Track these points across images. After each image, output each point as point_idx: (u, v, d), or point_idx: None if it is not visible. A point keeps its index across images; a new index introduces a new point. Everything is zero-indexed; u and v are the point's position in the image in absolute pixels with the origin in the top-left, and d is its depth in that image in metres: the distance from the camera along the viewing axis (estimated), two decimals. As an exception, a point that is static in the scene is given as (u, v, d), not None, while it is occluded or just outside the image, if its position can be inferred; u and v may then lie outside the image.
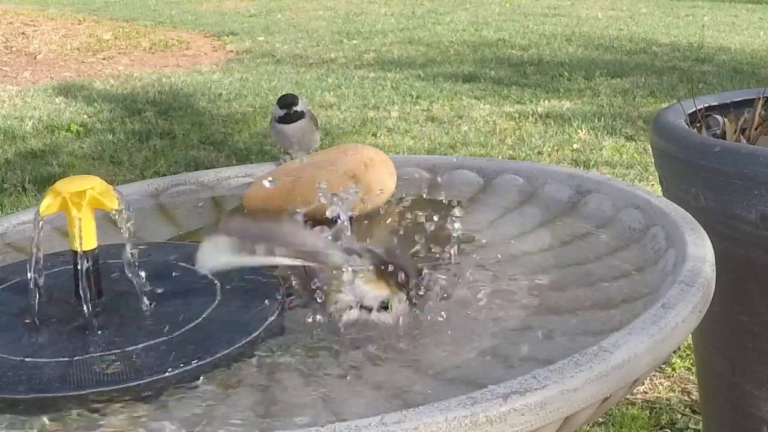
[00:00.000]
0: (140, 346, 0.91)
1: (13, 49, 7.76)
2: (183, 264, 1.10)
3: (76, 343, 0.93)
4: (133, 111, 5.17)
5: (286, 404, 0.82)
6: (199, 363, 0.87)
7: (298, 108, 1.56)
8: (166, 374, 0.85)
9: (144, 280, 0.99)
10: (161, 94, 5.61)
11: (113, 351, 0.91)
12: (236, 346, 0.90)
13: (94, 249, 0.98)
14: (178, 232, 1.31)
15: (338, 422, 0.70)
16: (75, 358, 0.90)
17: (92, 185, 0.97)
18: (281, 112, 1.56)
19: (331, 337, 0.95)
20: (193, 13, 10.02)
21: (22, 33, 8.53)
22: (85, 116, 5.06)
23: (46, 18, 9.72)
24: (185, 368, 0.86)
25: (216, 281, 1.04)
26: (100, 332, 0.97)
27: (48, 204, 0.96)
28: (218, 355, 0.88)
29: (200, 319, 0.96)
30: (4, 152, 4.36)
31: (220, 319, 0.96)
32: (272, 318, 0.96)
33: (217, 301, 1.00)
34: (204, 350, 0.89)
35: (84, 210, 0.95)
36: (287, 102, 1.57)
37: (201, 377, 0.86)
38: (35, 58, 7.31)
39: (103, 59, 7.27)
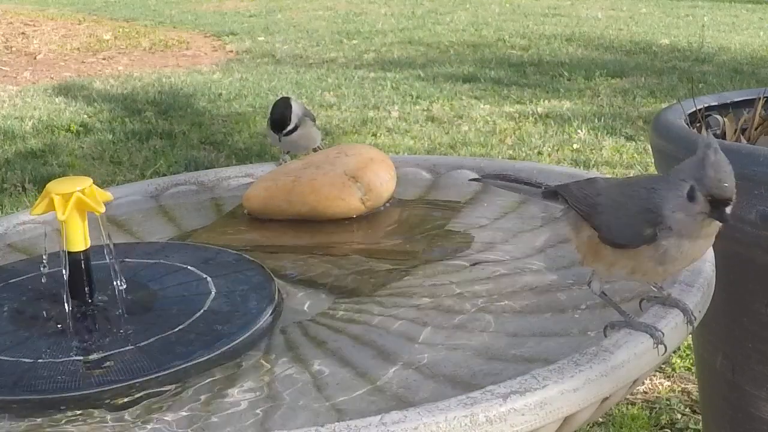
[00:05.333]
0: (115, 351, 0.91)
1: (13, 49, 7.75)
2: (183, 265, 1.10)
3: (46, 345, 0.93)
4: (133, 111, 5.17)
5: (285, 403, 0.82)
6: (175, 368, 0.87)
7: (293, 123, 1.53)
8: (129, 382, 0.85)
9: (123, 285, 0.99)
10: (161, 94, 5.61)
11: (80, 356, 0.91)
12: (226, 347, 0.90)
13: (84, 250, 0.98)
14: (177, 232, 1.31)
15: (338, 422, 0.70)
16: (38, 360, 0.89)
17: (81, 187, 0.96)
18: (274, 135, 1.53)
19: (329, 336, 0.95)
20: (193, 13, 10.02)
21: (22, 33, 8.52)
22: (85, 116, 5.06)
23: (46, 18, 9.72)
24: (154, 376, 0.86)
25: (210, 282, 1.04)
26: (75, 335, 0.97)
27: (37, 204, 0.96)
28: (200, 359, 0.88)
29: (191, 320, 0.96)
30: (4, 152, 4.36)
31: (209, 322, 0.96)
32: (268, 317, 0.96)
33: (207, 306, 0.99)
34: (182, 355, 0.89)
35: (69, 212, 0.95)
36: (278, 124, 1.53)
37: (178, 382, 0.86)
38: (35, 58, 7.31)
39: (103, 59, 7.26)
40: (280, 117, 1.53)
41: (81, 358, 0.91)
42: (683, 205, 0.82)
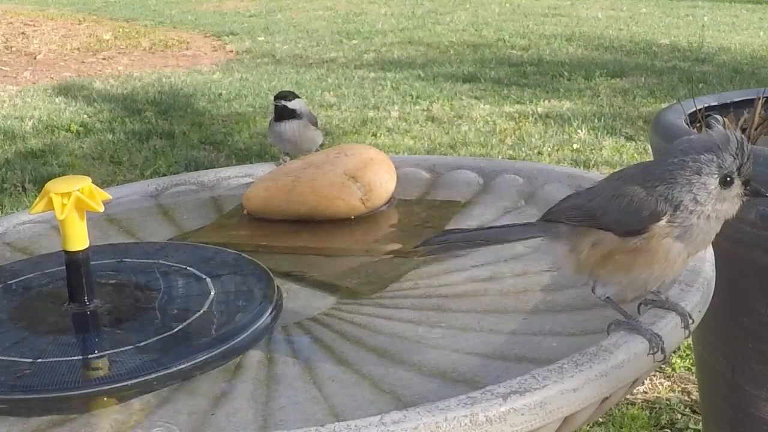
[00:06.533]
0: (115, 351, 0.91)
1: (13, 49, 7.75)
2: (182, 265, 1.10)
3: (45, 344, 0.93)
4: (133, 111, 5.17)
5: (285, 403, 0.82)
6: (175, 368, 0.87)
7: (293, 105, 1.56)
8: (128, 382, 0.85)
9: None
10: (161, 94, 5.61)
11: (79, 356, 0.91)
12: (225, 347, 0.90)
13: (83, 250, 0.98)
14: (177, 231, 1.31)
15: (338, 422, 0.70)
16: (38, 360, 0.90)
17: (80, 186, 0.96)
18: (273, 106, 1.58)
19: (330, 336, 0.95)
20: (193, 13, 10.02)
21: (22, 33, 8.52)
22: (85, 116, 5.06)
23: (46, 18, 9.72)
24: (153, 376, 0.86)
25: (209, 282, 1.04)
26: (74, 334, 0.97)
27: (36, 204, 0.96)
28: (199, 359, 0.88)
29: (188, 321, 0.96)
30: (4, 152, 4.36)
31: (208, 322, 0.96)
32: (267, 316, 0.96)
33: (206, 306, 0.99)
34: (181, 355, 0.89)
35: (67, 211, 0.95)
36: (280, 95, 1.58)
37: (178, 383, 0.86)
38: (35, 58, 7.31)
39: (103, 59, 7.26)
40: (284, 91, 1.61)
41: (80, 357, 0.91)
42: (716, 194, 0.82)
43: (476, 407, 0.71)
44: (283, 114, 1.56)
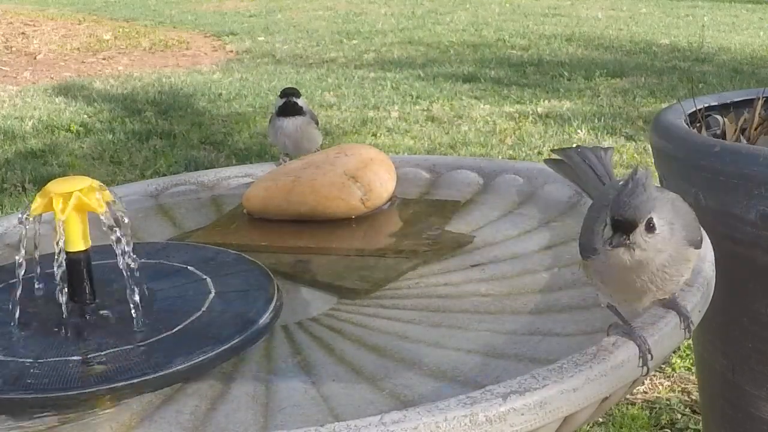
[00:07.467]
0: (115, 350, 0.91)
1: (13, 49, 7.75)
2: (183, 265, 1.10)
3: (46, 344, 0.93)
4: (133, 111, 5.17)
5: (285, 403, 0.82)
6: (175, 368, 0.87)
7: (300, 103, 1.56)
8: (128, 381, 0.85)
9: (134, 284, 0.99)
10: (161, 94, 5.61)
11: (80, 356, 0.91)
12: (225, 347, 0.90)
13: (84, 250, 0.98)
14: (177, 231, 1.31)
15: (338, 422, 0.70)
16: (38, 360, 0.90)
17: (81, 187, 0.96)
18: (281, 102, 1.57)
19: (330, 336, 0.95)
20: (193, 13, 10.02)
21: (22, 33, 8.52)
22: (85, 116, 5.06)
23: (46, 18, 9.71)
24: (154, 376, 0.86)
25: (210, 282, 1.04)
26: (75, 334, 0.97)
27: (36, 204, 0.96)
28: (199, 359, 0.89)
29: (189, 321, 0.96)
30: (4, 152, 4.36)
31: (208, 322, 0.96)
32: (267, 316, 0.96)
33: (207, 306, 0.99)
34: (182, 355, 0.89)
35: (68, 212, 0.95)
36: (289, 92, 1.57)
37: (178, 382, 0.86)
38: (35, 58, 7.31)
39: (103, 59, 7.26)
40: (291, 87, 1.61)
41: (80, 357, 0.91)
42: (601, 233, 0.79)
43: (476, 407, 0.71)
44: (289, 110, 1.56)
